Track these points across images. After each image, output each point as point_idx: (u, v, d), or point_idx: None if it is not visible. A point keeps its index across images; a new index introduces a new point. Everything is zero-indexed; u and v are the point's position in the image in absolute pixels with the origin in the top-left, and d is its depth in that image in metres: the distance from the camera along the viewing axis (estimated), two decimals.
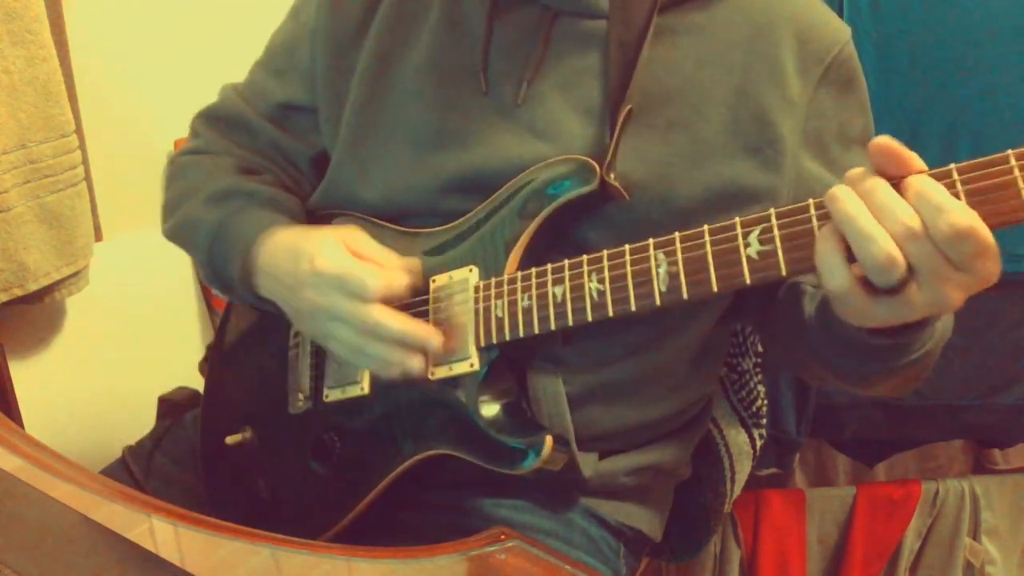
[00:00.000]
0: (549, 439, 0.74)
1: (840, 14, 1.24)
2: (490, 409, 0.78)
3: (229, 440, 0.93)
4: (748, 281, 0.66)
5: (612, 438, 0.88)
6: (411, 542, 0.69)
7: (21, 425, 1.32)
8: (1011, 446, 1.55)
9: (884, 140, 0.59)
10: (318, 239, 0.81)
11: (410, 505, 0.89)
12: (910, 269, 0.58)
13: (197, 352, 1.23)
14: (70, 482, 0.69)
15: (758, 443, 1.11)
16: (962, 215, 0.56)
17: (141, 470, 0.99)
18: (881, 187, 0.59)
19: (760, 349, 1.09)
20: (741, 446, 1.08)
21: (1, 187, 1.24)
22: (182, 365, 0.87)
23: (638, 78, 0.80)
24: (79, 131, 1.35)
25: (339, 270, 0.77)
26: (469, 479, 0.88)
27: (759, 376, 1.10)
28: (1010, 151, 0.56)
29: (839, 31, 0.85)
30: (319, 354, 0.90)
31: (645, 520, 0.94)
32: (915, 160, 0.59)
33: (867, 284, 0.61)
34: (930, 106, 1.28)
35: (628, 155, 0.80)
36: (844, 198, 0.59)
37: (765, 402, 1.11)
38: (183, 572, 0.59)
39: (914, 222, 0.57)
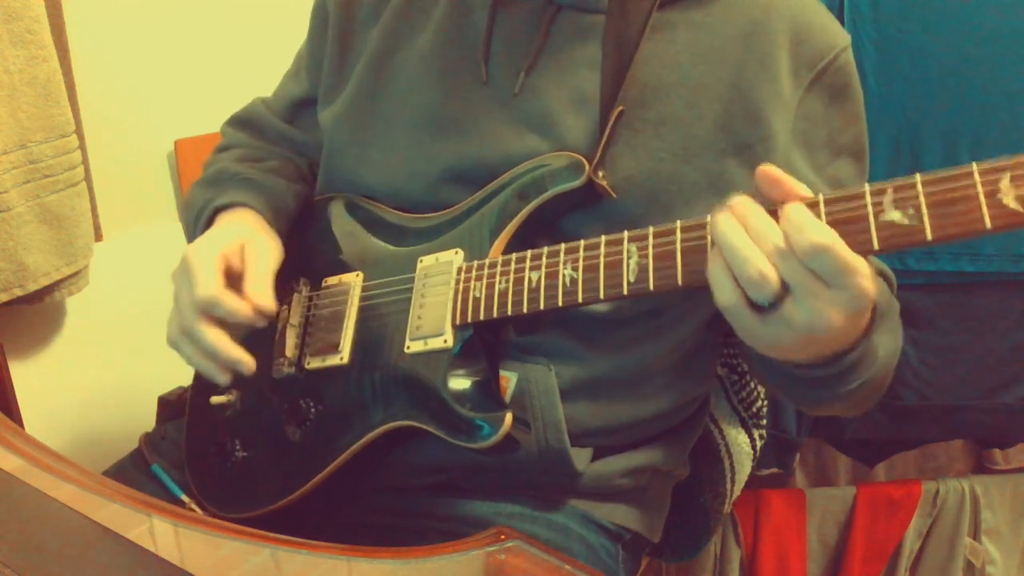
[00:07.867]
0: (509, 415, 0.76)
1: (841, 15, 1.24)
2: (457, 384, 0.80)
3: (214, 400, 0.94)
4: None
5: (604, 434, 0.88)
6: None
7: (21, 425, 1.32)
8: (1011, 446, 1.55)
9: (768, 168, 0.63)
10: (212, 235, 0.87)
11: (406, 513, 0.89)
12: (784, 287, 0.62)
13: None
14: (70, 482, 0.69)
15: (758, 443, 1.11)
16: (819, 232, 0.59)
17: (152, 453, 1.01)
18: (755, 212, 0.63)
19: None
20: (741, 446, 1.08)
21: (1, 187, 1.24)
22: (182, 365, 0.87)
23: (633, 75, 0.81)
24: (79, 131, 1.35)
25: (189, 264, 0.82)
26: (465, 486, 0.88)
27: None
28: (974, 164, 0.57)
29: (836, 37, 0.84)
30: (306, 323, 0.92)
31: (643, 522, 0.94)
32: (796, 187, 0.63)
33: (752, 303, 0.64)
34: (930, 106, 1.27)
35: (620, 150, 0.81)
36: (721, 222, 0.63)
37: (765, 403, 1.11)
38: (183, 572, 0.59)
39: (780, 241, 0.61)
